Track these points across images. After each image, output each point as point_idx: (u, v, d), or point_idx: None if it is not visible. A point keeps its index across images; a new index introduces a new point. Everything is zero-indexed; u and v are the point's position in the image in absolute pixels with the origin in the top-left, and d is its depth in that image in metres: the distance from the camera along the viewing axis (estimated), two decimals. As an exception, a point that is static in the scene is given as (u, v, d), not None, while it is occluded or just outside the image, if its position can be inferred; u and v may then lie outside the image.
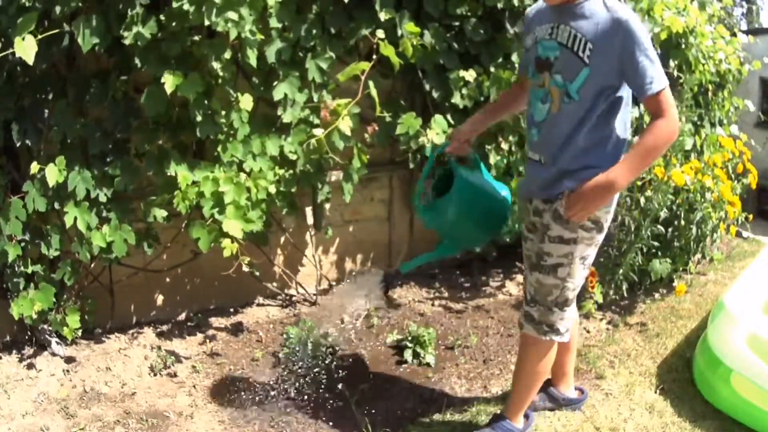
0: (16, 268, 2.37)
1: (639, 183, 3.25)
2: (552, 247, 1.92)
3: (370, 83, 2.59)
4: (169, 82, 2.23)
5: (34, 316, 2.33)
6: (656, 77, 1.78)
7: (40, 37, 2.06)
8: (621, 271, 3.18)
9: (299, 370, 2.50)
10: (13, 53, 2.01)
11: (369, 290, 2.31)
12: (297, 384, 2.43)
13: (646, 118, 3.52)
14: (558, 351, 2.13)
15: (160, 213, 2.47)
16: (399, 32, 2.77)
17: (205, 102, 2.39)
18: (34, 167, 2.23)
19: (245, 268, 2.60)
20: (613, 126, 1.90)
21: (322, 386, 2.45)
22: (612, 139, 1.91)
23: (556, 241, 1.91)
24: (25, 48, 1.98)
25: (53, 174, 2.21)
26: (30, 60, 1.99)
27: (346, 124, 2.55)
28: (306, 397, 2.40)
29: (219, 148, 2.50)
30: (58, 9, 2.12)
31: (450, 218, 2.08)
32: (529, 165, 2.03)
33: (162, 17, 2.23)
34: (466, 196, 2.07)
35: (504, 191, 2.20)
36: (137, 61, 2.27)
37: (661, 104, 1.80)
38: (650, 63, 1.77)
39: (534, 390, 2.11)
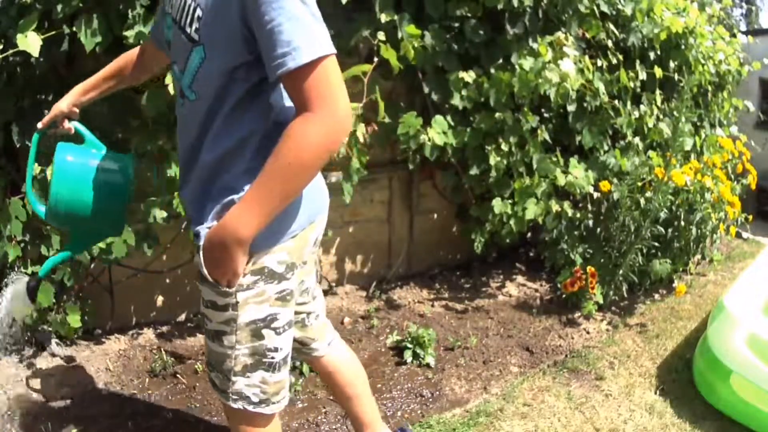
0: (16, 269, 2.37)
1: (639, 184, 3.25)
2: (208, 312, 1.36)
3: (376, 88, 2.59)
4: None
5: (34, 316, 2.33)
6: (300, 43, 1.11)
7: (41, 38, 2.06)
8: (621, 271, 3.18)
9: (298, 371, 2.51)
10: (13, 54, 2.01)
11: (20, 297, 1.90)
12: (296, 384, 2.43)
13: (649, 121, 3.53)
14: (341, 399, 1.88)
15: (160, 214, 2.47)
16: (399, 34, 2.77)
17: (205, 103, 2.39)
18: (36, 169, 2.23)
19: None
20: (257, 125, 1.27)
21: (322, 387, 2.45)
22: (253, 146, 1.27)
23: (209, 306, 1.34)
24: (29, 43, 1.98)
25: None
26: (35, 52, 1.98)
27: (361, 131, 2.58)
28: (305, 397, 2.40)
29: (219, 149, 2.51)
30: (59, 8, 2.12)
31: (54, 207, 1.61)
32: None
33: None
34: (63, 177, 1.61)
35: (120, 164, 1.68)
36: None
37: (305, 89, 1.12)
38: (291, 22, 1.11)
39: None
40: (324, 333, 1.79)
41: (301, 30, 1.12)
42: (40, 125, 1.71)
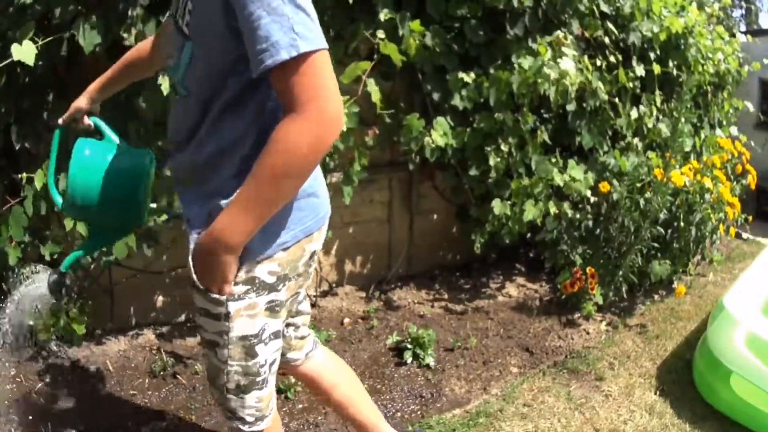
0: (17, 270, 2.37)
1: (639, 185, 3.25)
2: (202, 321, 1.33)
3: (371, 81, 2.58)
4: (166, 83, 2.23)
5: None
6: (279, 39, 1.04)
7: (40, 43, 2.06)
8: (621, 272, 3.18)
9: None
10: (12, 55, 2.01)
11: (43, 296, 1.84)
12: (296, 385, 2.43)
13: (648, 121, 3.53)
14: (333, 407, 1.87)
15: (160, 215, 2.47)
16: (401, 32, 2.77)
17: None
18: (24, 177, 2.24)
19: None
20: (250, 127, 1.21)
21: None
22: (244, 149, 1.21)
23: (202, 314, 1.31)
24: (24, 52, 1.98)
25: (40, 179, 2.22)
26: (30, 61, 1.99)
27: (350, 128, 2.57)
28: (305, 398, 2.40)
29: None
30: (58, 12, 2.13)
31: (69, 198, 1.60)
32: None
33: (162, 18, 2.23)
34: (78, 169, 1.59)
35: (136, 159, 1.64)
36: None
37: (289, 88, 1.06)
38: (271, 16, 1.04)
39: None
40: (303, 345, 1.75)
41: (280, 24, 1.04)
42: (60, 121, 1.68)
